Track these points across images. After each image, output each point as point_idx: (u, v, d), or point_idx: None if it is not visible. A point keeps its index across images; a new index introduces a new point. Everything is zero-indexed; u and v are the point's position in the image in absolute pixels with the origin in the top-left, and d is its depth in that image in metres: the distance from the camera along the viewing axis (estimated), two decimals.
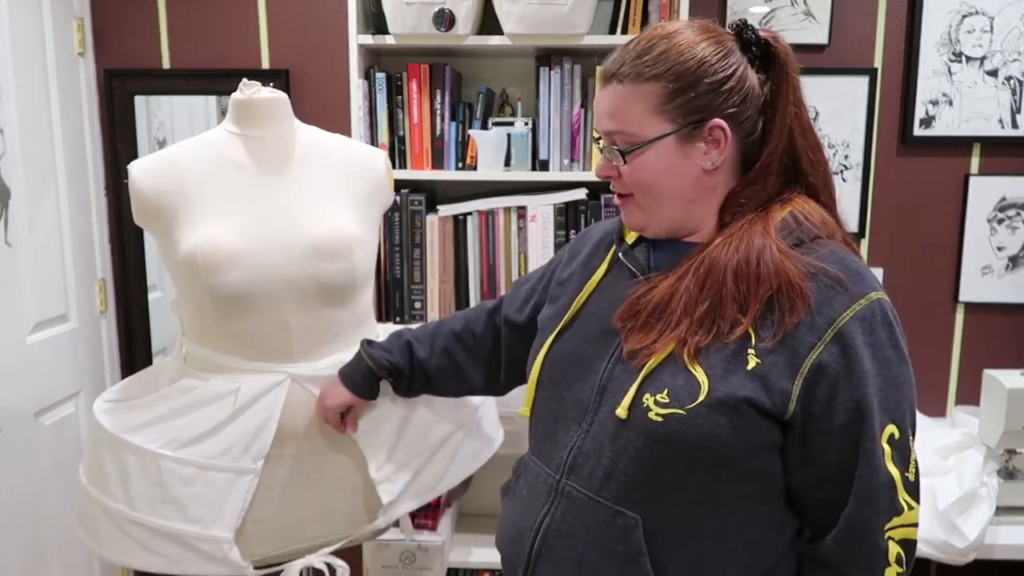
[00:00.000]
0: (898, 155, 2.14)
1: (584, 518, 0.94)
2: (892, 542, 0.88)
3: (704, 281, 0.91)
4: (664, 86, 0.92)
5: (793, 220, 0.93)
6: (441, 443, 1.44)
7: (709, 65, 0.92)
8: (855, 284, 0.89)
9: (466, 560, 2.07)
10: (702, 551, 0.92)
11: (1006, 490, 1.79)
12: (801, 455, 0.90)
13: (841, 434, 0.87)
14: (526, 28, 1.84)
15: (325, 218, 1.34)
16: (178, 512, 1.27)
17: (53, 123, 1.99)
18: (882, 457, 0.87)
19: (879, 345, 0.88)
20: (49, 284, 1.97)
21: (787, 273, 0.88)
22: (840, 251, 0.92)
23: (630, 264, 1.02)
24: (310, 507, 1.36)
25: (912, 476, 0.89)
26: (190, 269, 1.27)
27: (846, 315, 0.87)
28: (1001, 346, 2.19)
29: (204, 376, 1.33)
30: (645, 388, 0.91)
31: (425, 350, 1.30)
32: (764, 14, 2.08)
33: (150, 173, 1.33)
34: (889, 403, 0.87)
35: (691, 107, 0.92)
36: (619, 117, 0.95)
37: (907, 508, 0.88)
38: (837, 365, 0.86)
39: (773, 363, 0.87)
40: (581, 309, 1.05)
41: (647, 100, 0.93)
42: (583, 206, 1.96)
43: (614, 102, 0.95)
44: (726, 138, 0.93)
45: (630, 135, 0.94)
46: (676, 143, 0.93)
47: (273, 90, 1.37)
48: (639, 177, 0.95)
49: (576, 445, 0.96)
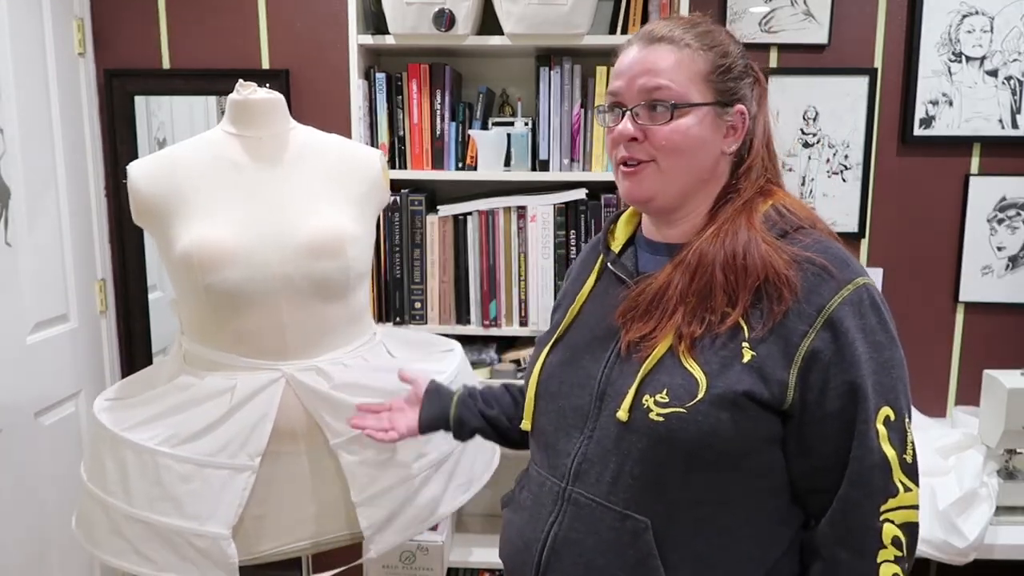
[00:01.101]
0: (898, 155, 2.14)
1: (593, 524, 0.94)
2: (891, 524, 0.88)
3: (694, 274, 0.93)
4: (714, 59, 0.96)
5: (776, 213, 0.96)
6: (433, 470, 1.41)
7: (742, 56, 0.99)
8: (841, 270, 0.90)
9: (466, 560, 2.07)
10: (709, 549, 0.92)
11: (1006, 490, 1.79)
12: (799, 443, 0.91)
13: (836, 418, 0.88)
14: (526, 28, 1.84)
15: (320, 216, 1.34)
16: (176, 509, 1.27)
17: (53, 123, 1.99)
18: (876, 439, 0.87)
19: (870, 329, 0.88)
20: (49, 284, 1.97)
21: (773, 264, 0.90)
22: (824, 239, 0.94)
23: (618, 271, 1.03)
24: (307, 504, 1.36)
25: (909, 458, 0.89)
26: (186, 267, 1.28)
27: (834, 301, 0.88)
28: (1001, 346, 2.19)
29: (201, 374, 1.34)
30: (644, 389, 0.91)
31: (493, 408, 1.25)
32: (764, 14, 2.08)
33: (148, 174, 1.34)
34: (883, 386, 0.88)
35: (728, 86, 0.96)
36: (672, 74, 0.94)
37: (903, 489, 0.88)
38: (829, 351, 0.87)
39: (768, 354, 0.88)
40: (573, 321, 1.06)
41: (701, 65, 0.95)
42: (583, 206, 1.96)
43: (669, 60, 0.94)
44: (744, 126, 0.97)
45: (679, 94, 0.94)
46: (713, 115, 0.96)
47: (269, 91, 1.38)
48: (674, 139, 0.94)
49: (580, 452, 0.97)
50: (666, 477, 0.91)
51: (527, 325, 2.00)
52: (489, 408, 1.24)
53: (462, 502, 1.48)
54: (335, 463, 1.37)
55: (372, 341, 1.48)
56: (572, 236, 1.97)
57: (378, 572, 1.99)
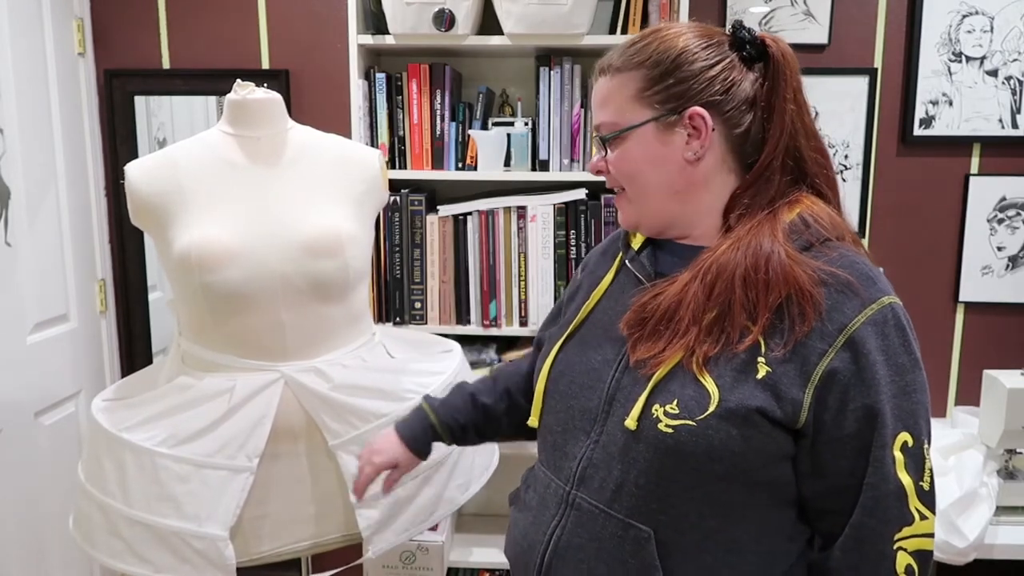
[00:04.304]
0: (898, 155, 2.14)
1: (595, 531, 0.93)
2: (904, 552, 0.86)
3: (712, 288, 0.89)
4: (644, 73, 0.93)
5: (802, 223, 0.91)
6: (432, 471, 1.41)
7: (690, 53, 0.92)
8: (867, 288, 0.86)
9: (466, 560, 2.07)
10: (713, 562, 0.90)
11: (1006, 490, 1.79)
12: (812, 464, 0.88)
13: (852, 441, 0.85)
14: (526, 28, 1.84)
15: (318, 216, 1.34)
16: (174, 509, 1.27)
17: (53, 123, 1.99)
18: (892, 465, 0.85)
19: (892, 351, 0.85)
20: (49, 284, 1.97)
21: (797, 280, 0.86)
22: (850, 254, 0.90)
23: (636, 270, 1.00)
24: (305, 505, 1.36)
25: (927, 485, 0.86)
26: (184, 267, 1.28)
27: (858, 320, 0.85)
28: (1001, 346, 2.19)
29: (200, 374, 1.34)
30: (654, 398, 0.89)
31: (490, 396, 1.22)
32: (764, 14, 2.08)
33: (146, 174, 1.34)
34: (902, 411, 0.85)
35: (670, 94, 0.92)
36: (605, 107, 0.97)
37: (919, 517, 0.86)
38: (848, 372, 0.84)
39: (784, 372, 0.85)
40: (587, 317, 1.03)
41: (628, 87, 0.94)
42: (583, 206, 1.96)
43: (601, 93, 0.97)
44: (706, 127, 0.92)
45: (613, 124, 0.96)
46: (656, 131, 0.93)
47: (267, 91, 1.38)
48: (622, 166, 0.96)
49: (585, 456, 0.95)
50: (671, 489, 0.88)
51: (527, 325, 2.00)
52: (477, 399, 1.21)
53: (461, 502, 1.48)
54: (334, 464, 1.37)
55: (371, 342, 1.48)
56: (572, 236, 1.97)
57: (378, 572, 1.99)
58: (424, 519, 1.41)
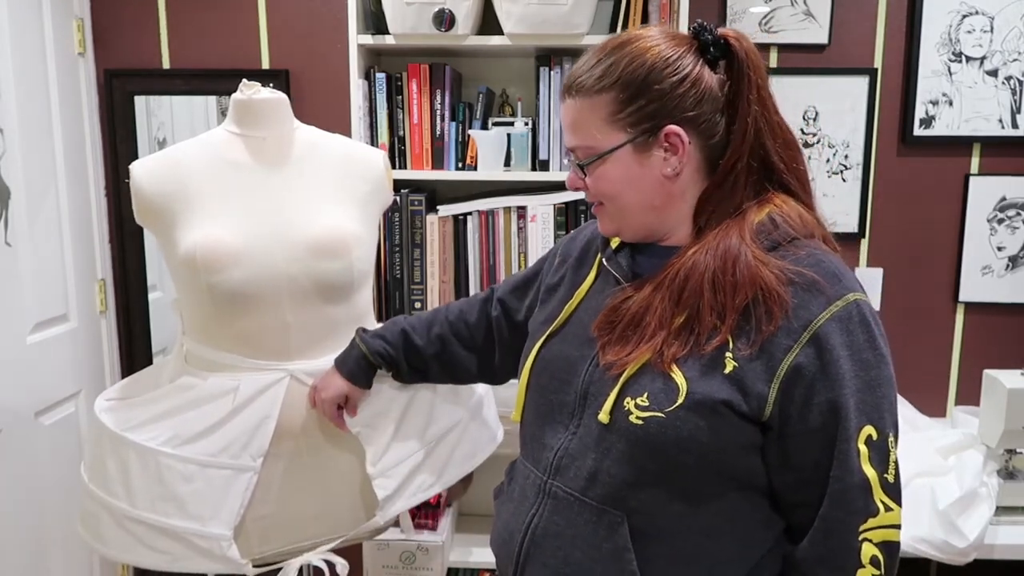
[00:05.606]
0: (898, 155, 2.14)
1: (571, 517, 0.95)
2: (869, 543, 0.87)
3: (680, 293, 0.91)
4: (615, 96, 0.92)
5: (771, 223, 0.92)
6: (439, 439, 1.43)
7: (659, 71, 0.91)
8: (832, 286, 0.88)
9: (466, 560, 2.07)
10: (688, 547, 0.92)
11: (1006, 490, 1.79)
12: (780, 457, 0.90)
13: (817, 435, 0.87)
14: (526, 28, 1.84)
15: (324, 217, 1.34)
16: (178, 509, 1.27)
17: (53, 123, 1.99)
18: (857, 458, 0.87)
19: (856, 347, 0.87)
20: (49, 284, 1.97)
21: (764, 280, 0.87)
22: (818, 252, 0.91)
23: (614, 270, 1.02)
24: (309, 505, 1.37)
25: (892, 477, 0.88)
26: (190, 268, 1.27)
27: (822, 317, 0.87)
28: (1001, 346, 2.19)
29: (203, 374, 1.34)
30: (625, 392, 0.91)
31: (421, 338, 1.31)
32: (764, 14, 2.08)
33: (151, 173, 1.33)
34: (866, 405, 0.87)
35: (643, 115, 0.92)
36: (577, 131, 0.97)
37: (884, 509, 0.88)
38: (813, 367, 0.86)
39: (751, 368, 0.87)
40: (571, 316, 1.05)
41: (600, 111, 0.94)
42: (583, 206, 1.96)
43: (571, 116, 0.97)
44: (683, 143, 0.92)
45: (587, 148, 0.96)
46: (632, 152, 0.94)
47: (273, 91, 1.38)
48: (601, 188, 0.97)
49: (562, 447, 0.98)
50: (643, 478, 0.91)
51: None
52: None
53: (467, 470, 1.49)
54: (337, 464, 1.37)
55: None
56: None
57: (378, 572, 1.99)
58: (431, 484, 1.43)
